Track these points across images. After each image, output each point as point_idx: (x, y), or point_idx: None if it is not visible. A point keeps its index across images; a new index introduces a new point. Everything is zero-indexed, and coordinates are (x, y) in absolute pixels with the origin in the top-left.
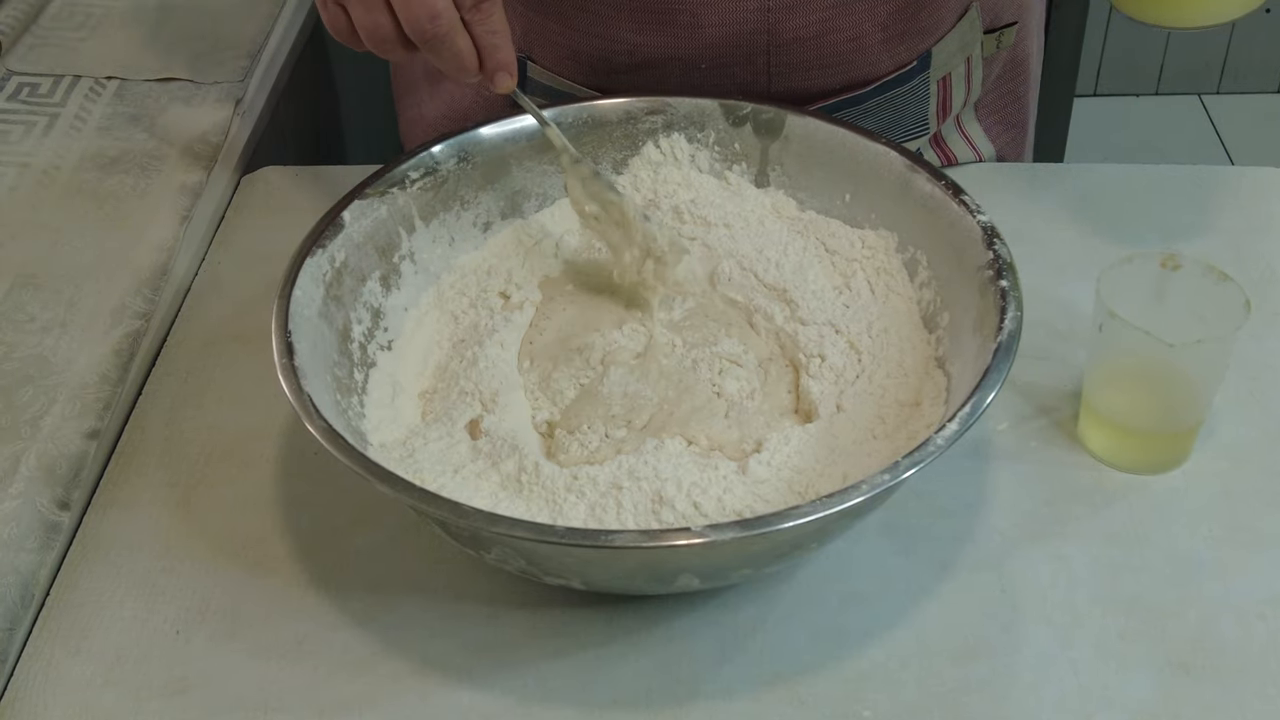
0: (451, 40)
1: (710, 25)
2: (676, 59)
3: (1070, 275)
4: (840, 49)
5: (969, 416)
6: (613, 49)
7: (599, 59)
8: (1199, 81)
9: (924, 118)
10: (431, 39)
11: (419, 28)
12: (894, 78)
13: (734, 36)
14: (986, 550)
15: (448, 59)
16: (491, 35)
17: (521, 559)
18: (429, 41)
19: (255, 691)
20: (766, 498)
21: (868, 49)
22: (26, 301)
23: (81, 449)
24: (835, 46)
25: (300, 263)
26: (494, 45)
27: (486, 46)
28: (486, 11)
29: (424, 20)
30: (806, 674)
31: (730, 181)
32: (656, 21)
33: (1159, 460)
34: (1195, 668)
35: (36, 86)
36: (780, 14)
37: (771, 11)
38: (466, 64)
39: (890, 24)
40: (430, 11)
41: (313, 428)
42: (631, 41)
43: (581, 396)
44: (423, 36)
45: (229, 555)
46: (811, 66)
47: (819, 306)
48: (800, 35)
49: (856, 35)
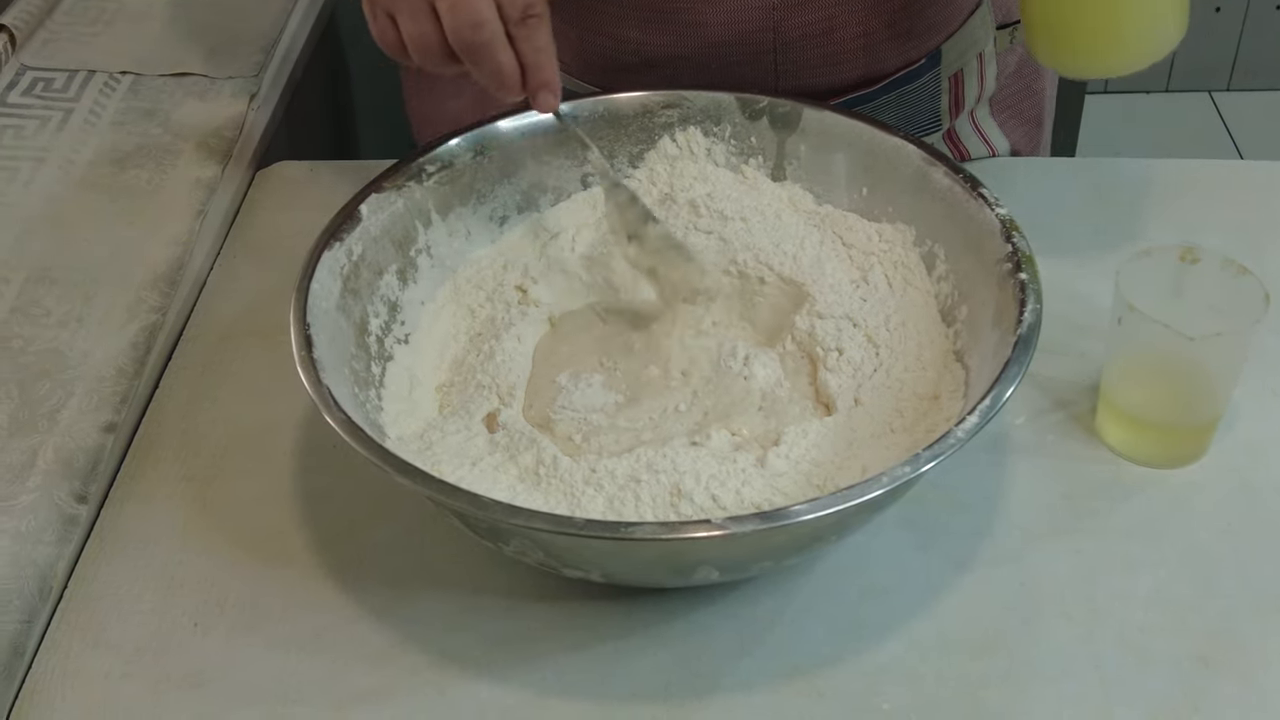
0: (493, 52)
1: (714, 24)
2: (682, 58)
3: (1086, 269)
4: (848, 46)
5: (989, 409)
6: (619, 48)
7: (607, 58)
8: (1209, 78)
9: (936, 114)
10: (474, 48)
11: (461, 36)
12: (904, 74)
13: (739, 35)
14: (1005, 544)
15: (489, 72)
16: (536, 52)
17: (540, 551)
18: (471, 51)
19: (273, 684)
20: (785, 490)
21: (876, 46)
22: (42, 296)
23: (99, 442)
24: (843, 44)
25: (318, 256)
26: (538, 63)
27: (531, 64)
28: (533, 27)
29: (466, 28)
30: (825, 667)
31: (746, 175)
32: (660, 21)
33: (1177, 454)
34: (1215, 661)
35: (51, 81)
36: (785, 12)
37: (776, 10)
38: (508, 79)
39: (898, 21)
40: (474, 19)
41: (332, 420)
42: (637, 40)
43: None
44: (465, 46)
45: (247, 548)
46: (819, 64)
47: (836, 300)
48: (807, 33)
49: (864, 32)
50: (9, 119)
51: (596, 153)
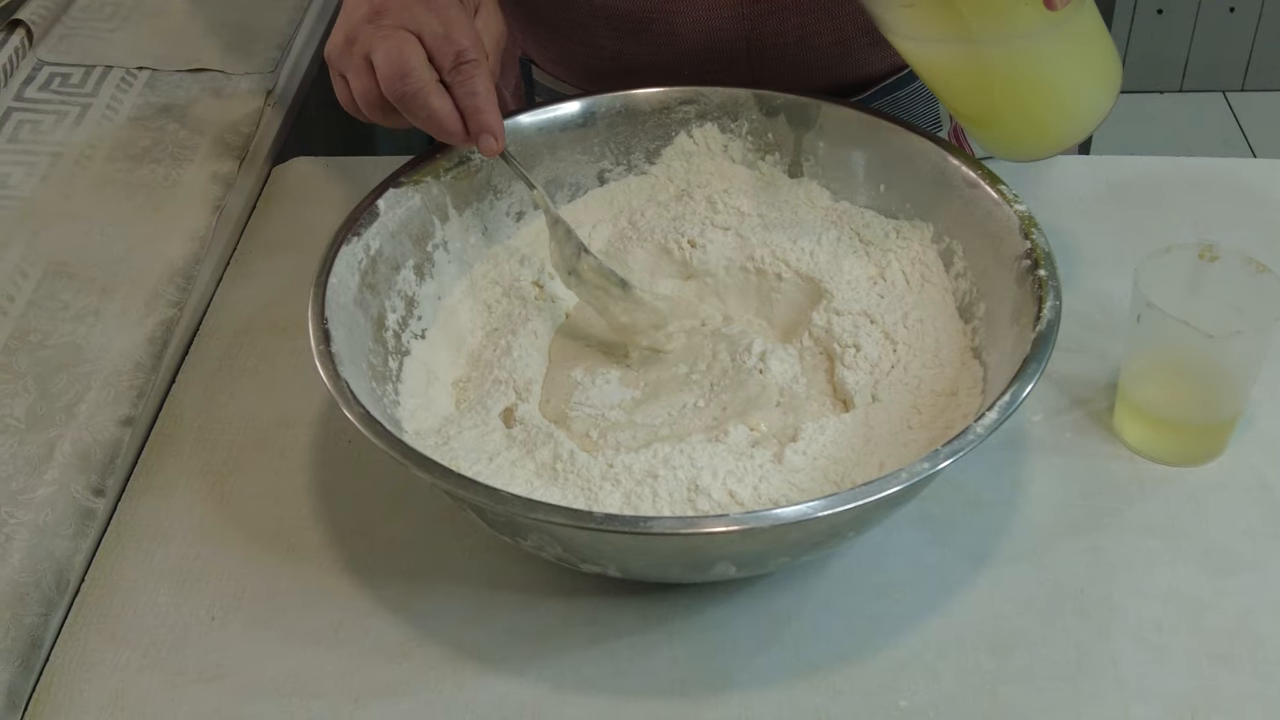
0: (425, 100)
1: (687, 33)
2: (659, 66)
3: (1104, 267)
4: (824, 53)
5: (1008, 406)
6: (598, 55)
7: (587, 65)
8: (1223, 78)
9: (935, 117)
10: (404, 97)
11: (392, 87)
12: (895, 80)
13: (713, 45)
14: (1023, 542)
15: (424, 119)
16: (471, 97)
17: (558, 546)
18: (402, 100)
19: (289, 678)
20: (802, 487)
21: (853, 52)
22: (60, 290)
23: (116, 436)
24: (818, 51)
25: (336, 250)
26: (474, 108)
27: (467, 109)
28: (466, 74)
29: (395, 79)
30: (842, 663)
31: (763, 171)
32: (633, 31)
33: (1196, 452)
34: (1233, 660)
35: (68, 77)
36: (757, 20)
37: (748, 19)
38: (447, 125)
39: (873, 28)
40: (401, 70)
41: (350, 414)
42: (613, 49)
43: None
44: (396, 96)
45: (263, 542)
46: (795, 70)
47: (854, 297)
48: (781, 41)
49: (840, 39)
50: (26, 114)
51: (540, 190)
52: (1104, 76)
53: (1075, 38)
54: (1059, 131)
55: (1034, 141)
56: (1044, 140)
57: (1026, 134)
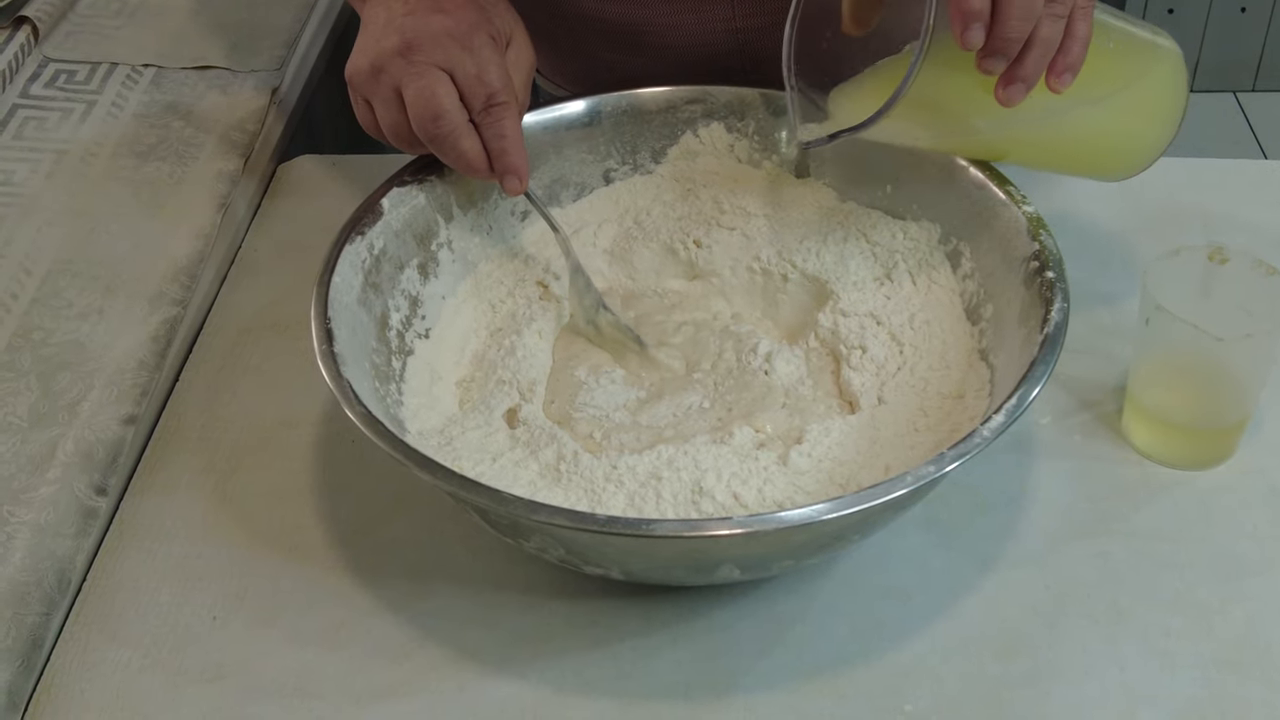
0: (455, 141)
1: (680, 46)
2: (657, 77)
3: (1112, 268)
4: None
5: (1015, 408)
6: (594, 66)
7: (585, 75)
8: (1234, 79)
9: None
10: (436, 139)
11: (424, 128)
12: None
13: (708, 58)
14: (1029, 545)
15: (453, 159)
16: (499, 139)
17: (561, 548)
18: (434, 141)
19: (291, 678)
20: (807, 489)
21: None
22: (64, 288)
23: (119, 435)
24: None
25: (339, 249)
26: (501, 150)
27: (495, 151)
28: (496, 115)
29: (428, 121)
30: (847, 667)
31: (769, 171)
32: (627, 43)
33: (1205, 456)
34: (1241, 665)
35: (73, 73)
36: (751, 35)
37: (742, 33)
38: (474, 164)
39: None
40: (434, 112)
41: (352, 414)
42: (609, 60)
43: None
44: (428, 137)
45: (266, 542)
46: None
47: (860, 298)
48: (776, 54)
49: None
50: (31, 111)
51: (565, 234)
52: (1153, 119)
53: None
54: (1119, 169)
55: (1100, 177)
56: (1108, 176)
57: (1087, 174)
